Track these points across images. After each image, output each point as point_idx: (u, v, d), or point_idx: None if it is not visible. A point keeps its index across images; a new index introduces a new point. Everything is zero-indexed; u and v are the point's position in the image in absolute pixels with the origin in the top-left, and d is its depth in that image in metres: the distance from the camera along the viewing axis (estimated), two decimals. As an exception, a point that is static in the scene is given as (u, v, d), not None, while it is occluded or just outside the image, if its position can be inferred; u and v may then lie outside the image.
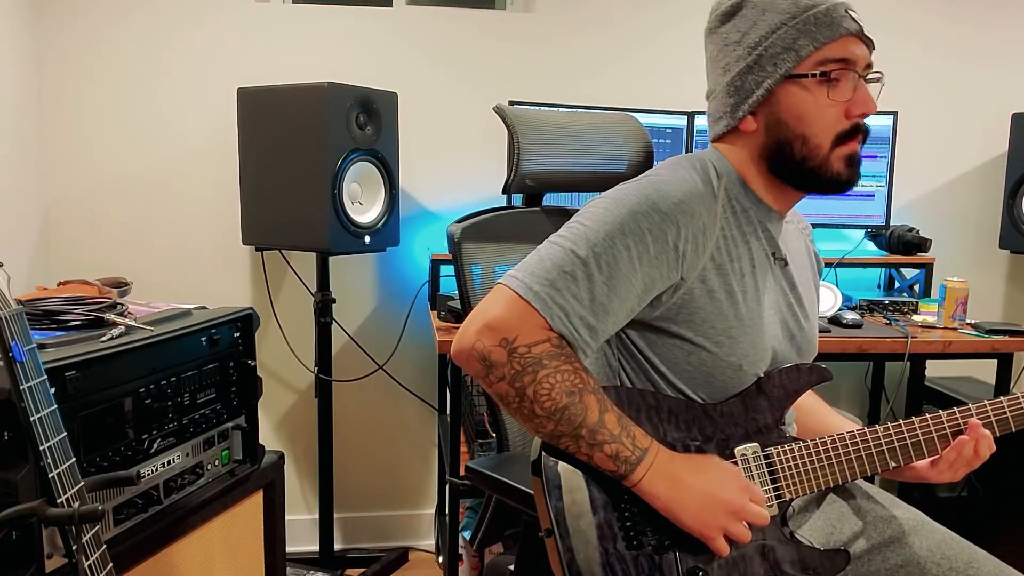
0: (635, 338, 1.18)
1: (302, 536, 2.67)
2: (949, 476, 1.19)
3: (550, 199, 1.74)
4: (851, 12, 1.14)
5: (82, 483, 1.13)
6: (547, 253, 1.09)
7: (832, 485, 1.18)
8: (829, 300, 2.38)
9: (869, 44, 1.15)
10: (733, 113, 1.17)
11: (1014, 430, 1.18)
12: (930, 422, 1.17)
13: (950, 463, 1.17)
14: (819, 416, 1.34)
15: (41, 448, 1.07)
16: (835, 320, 2.30)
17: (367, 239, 2.26)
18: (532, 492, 1.14)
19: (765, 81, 1.13)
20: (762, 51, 1.13)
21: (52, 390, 1.11)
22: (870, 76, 1.16)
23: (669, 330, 1.15)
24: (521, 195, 1.72)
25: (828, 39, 1.11)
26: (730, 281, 1.15)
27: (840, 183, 1.16)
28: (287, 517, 1.90)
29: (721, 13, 1.19)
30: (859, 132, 1.15)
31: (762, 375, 1.18)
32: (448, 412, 2.47)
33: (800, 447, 1.17)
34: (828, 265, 2.57)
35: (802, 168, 1.15)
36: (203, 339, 1.58)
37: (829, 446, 1.17)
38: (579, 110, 2.37)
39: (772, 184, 1.19)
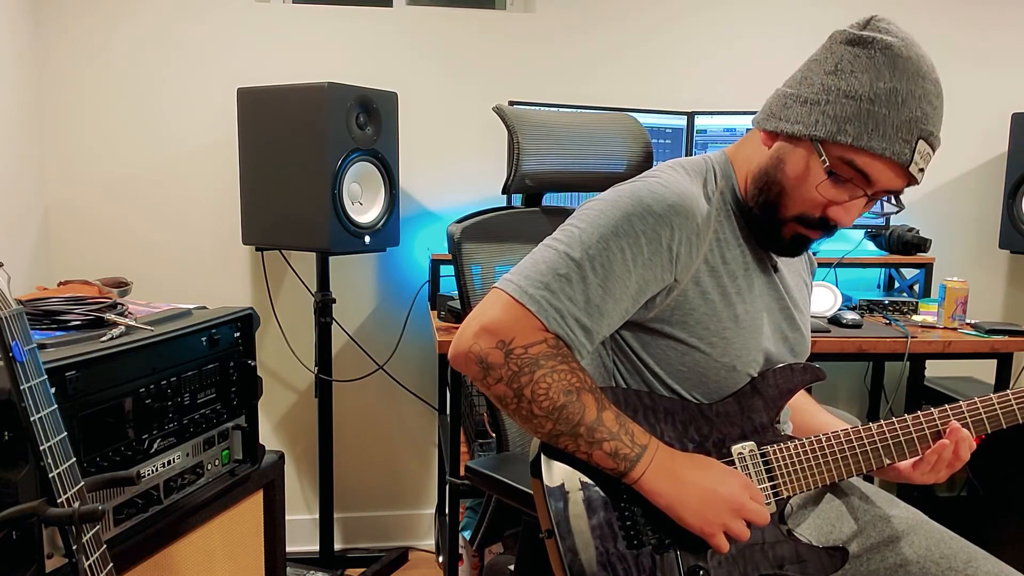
0: (629, 339, 1.18)
1: (302, 536, 2.68)
2: (932, 478, 1.19)
3: (550, 199, 1.74)
4: (928, 142, 1.06)
5: (82, 483, 1.13)
6: (541, 256, 1.09)
7: (829, 482, 1.18)
8: (829, 300, 2.38)
9: (910, 180, 1.08)
10: (764, 117, 1.14)
11: (1005, 427, 1.18)
12: (923, 420, 1.17)
13: (931, 465, 1.17)
14: (809, 415, 1.34)
15: (41, 448, 1.07)
16: (835, 320, 2.30)
17: (367, 239, 2.26)
18: (532, 492, 1.14)
19: (798, 125, 1.08)
20: (822, 101, 1.06)
21: (52, 390, 1.11)
22: (887, 205, 1.11)
23: (663, 331, 1.15)
24: (521, 195, 1.72)
25: (868, 148, 1.04)
26: (724, 283, 1.15)
27: (776, 247, 1.18)
28: (287, 517, 1.90)
29: (851, 34, 1.08)
30: (824, 227, 1.13)
31: (756, 375, 1.18)
32: (448, 412, 2.47)
33: (796, 445, 1.18)
34: (827, 265, 2.57)
35: (763, 209, 1.14)
36: (203, 339, 1.58)
37: (825, 444, 1.18)
38: (579, 110, 2.37)
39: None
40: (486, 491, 1.50)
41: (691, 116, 2.58)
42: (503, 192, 1.64)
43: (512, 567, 1.80)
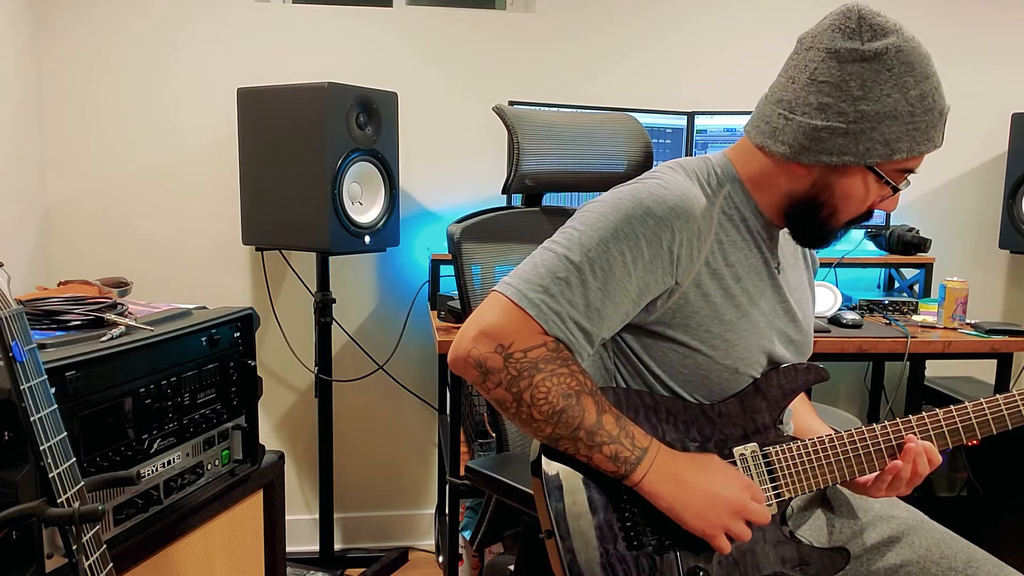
0: (631, 341, 1.18)
1: (302, 536, 2.68)
2: (885, 496, 1.19)
3: (550, 199, 1.74)
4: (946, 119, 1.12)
5: (82, 483, 1.13)
6: (541, 259, 1.09)
7: (831, 484, 1.18)
8: (829, 300, 2.38)
9: None
10: (795, 153, 1.10)
11: (1011, 428, 1.17)
12: (927, 421, 1.17)
13: (887, 483, 1.17)
14: (802, 419, 1.34)
15: (41, 448, 1.07)
16: (835, 320, 2.30)
17: (367, 239, 2.26)
18: (532, 493, 1.14)
19: (847, 156, 1.08)
20: (866, 128, 1.06)
21: (52, 390, 1.11)
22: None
23: (664, 334, 1.15)
24: (521, 195, 1.72)
25: (921, 152, 1.09)
26: (726, 285, 1.15)
27: (817, 245, 1.22)
28: (287, 517, 1.90)
29: (859, 51, 1.05)
30: (869, 217, 1.18)
31: (758, 376, 1.18)
32: (448, 412, 2.47)
33: (798, 446, 1.18)
34: (828, 265, 2.57)
35: (811, 225, 1.17)
36: (203, 339, 1.58)
37: (827, 445, 1.18)
38: (579, 110, 2.37)
39: (777, 209, 1.19)
40: (486, 491, 1.50)
41: (691, 116, 2.58)
42: (503, 192, 1.64)
43: (512, 567, 1.80)
